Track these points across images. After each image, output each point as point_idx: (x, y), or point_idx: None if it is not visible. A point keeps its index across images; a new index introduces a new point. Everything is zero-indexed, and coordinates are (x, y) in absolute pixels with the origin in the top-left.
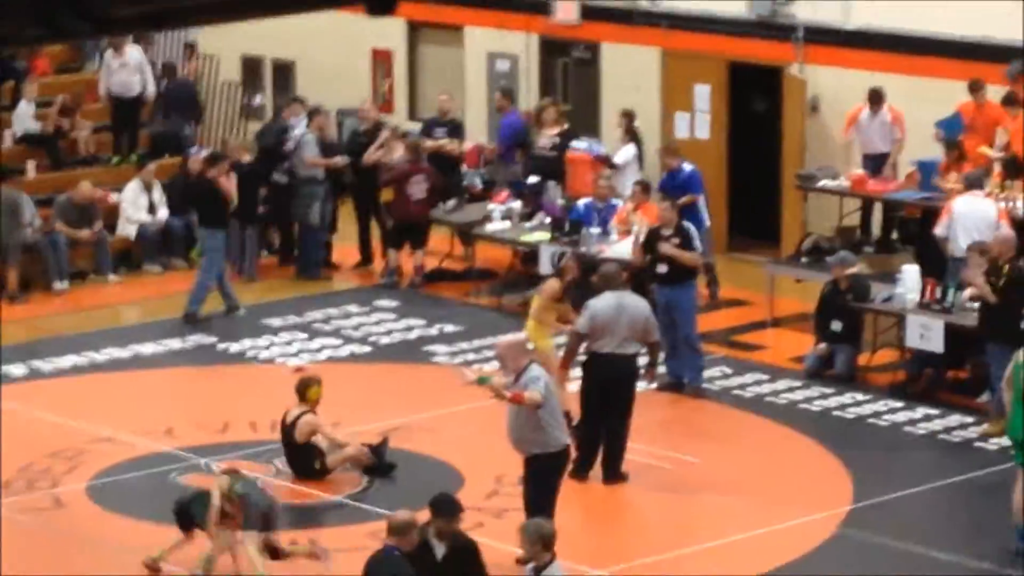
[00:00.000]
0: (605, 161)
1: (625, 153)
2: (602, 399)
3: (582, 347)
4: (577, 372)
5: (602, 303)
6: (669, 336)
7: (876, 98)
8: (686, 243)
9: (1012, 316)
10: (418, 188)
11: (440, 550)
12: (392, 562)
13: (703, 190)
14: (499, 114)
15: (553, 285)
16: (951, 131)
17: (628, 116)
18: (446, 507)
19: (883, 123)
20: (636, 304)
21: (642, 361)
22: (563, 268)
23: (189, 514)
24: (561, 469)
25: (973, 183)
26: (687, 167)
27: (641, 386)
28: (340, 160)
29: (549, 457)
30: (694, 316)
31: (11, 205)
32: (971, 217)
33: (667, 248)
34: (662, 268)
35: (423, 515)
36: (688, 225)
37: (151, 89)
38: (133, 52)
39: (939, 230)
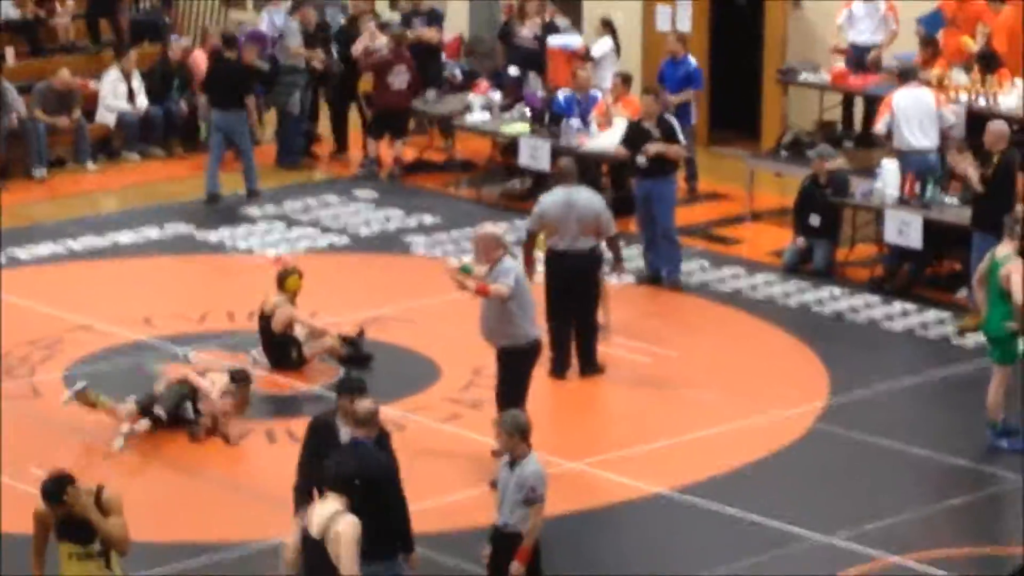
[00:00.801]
0: (582, 55)
1: (601, 46)
2: (563, 295)
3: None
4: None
5: (550, 199)
6: (648, 229)
7: None
8: (669, 135)
9: (1000, 206)
10: (399, 78)
11: (345, 432)
12: (371, 453)
13: (702, 88)
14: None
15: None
16: (932, 27)
17: (605, 22)
18: (349, 386)
19: (877, 11)
20: (586, 199)
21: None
22: (559, 169)
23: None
24: (530, 363)
25: (908, 74)
26: (692, 60)
27: (615, 281)
28: (319, 57)
29: (519, 350)
30: (673, 209)
31: None
32: (913, 109)
33: (653, 147)
34: (642, 161)
35: (403, 405)
36: (670, 117)
37: None
38: None
39: (880, 126)
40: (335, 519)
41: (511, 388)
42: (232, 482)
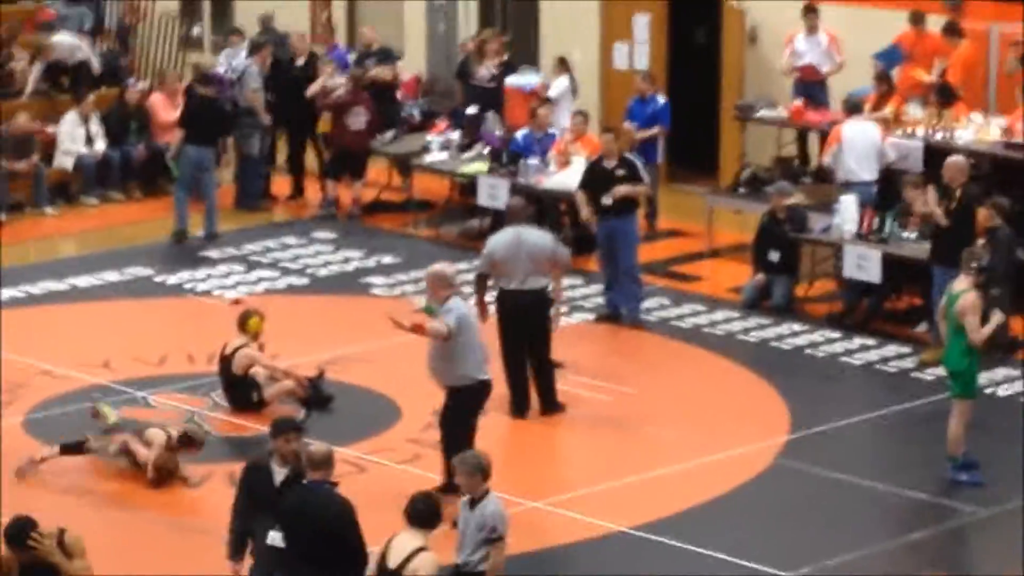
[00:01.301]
0: (538, 94)
1: (558, 86)
2: (517, 335)
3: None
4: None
5: (498, 239)
6: (609, 267)
7: (810, 11)
8: (633, 175)
9: (961, 240)
10: (357, 119)
11: (280, 474)
12: (330, 496)
13: (669, 126)
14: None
15: None
16: (889, 62)
17: (562, 61)
18: (283, 428)
19: (819, 45)
20: (536, 237)
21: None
22: (509, 209)
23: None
24: (475, 403)
25: (853, 108)
26: (660, 98)
27: (569, 319)
28: (267, 119)
29: (464, 390)
30: (635, 247)
31: None
32: (858, 141)
33: (622, 190)
34: (606, 200)
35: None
36: (632, 156)
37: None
38: None
39: (827, 158)
40: (417, 556)
41: (453, 429)
42: (193, 524)
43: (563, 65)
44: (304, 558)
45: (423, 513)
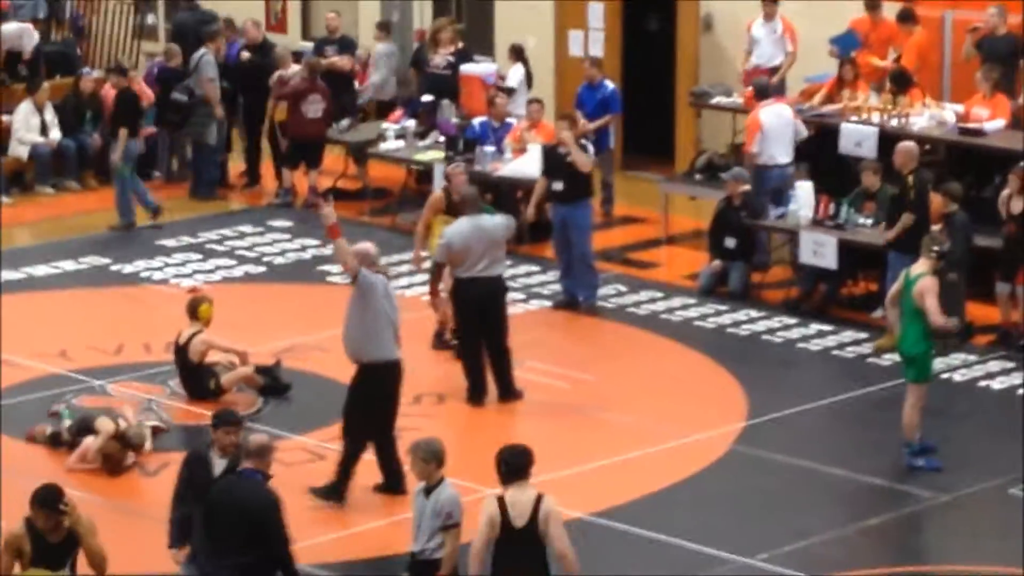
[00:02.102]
0: (499, 85)
1: (515, 74)
2: (475, 323)
3: (445, 274)
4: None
5: (456, 229)
6: (564, 254)
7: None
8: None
9: (915, 226)
10: (313, 107)
11: (219, 464)
12: (256, 485)
13: (620, 111)
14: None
15: (436, 196)
16: (845, 48)
17: (516, 50)
18: (223, 419)
19: (775, 34)
20: (493, 225)
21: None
22: (447, 175)
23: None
24: (371, 391)
25: (761, 92)
26: (609, 84)
27: (527, 306)
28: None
29: (368, 368)
30: (589, 234)
31: None
32: (776, 125)
33: (565, 134)
34: (558, 185)
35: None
36: (584, 142)
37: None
38: None
39: (754, 147)
40: (541, 504)
41: (348, 405)
42: (148, 512)
43: (517, 54)
44: (225, 545)
45: (519, 464)
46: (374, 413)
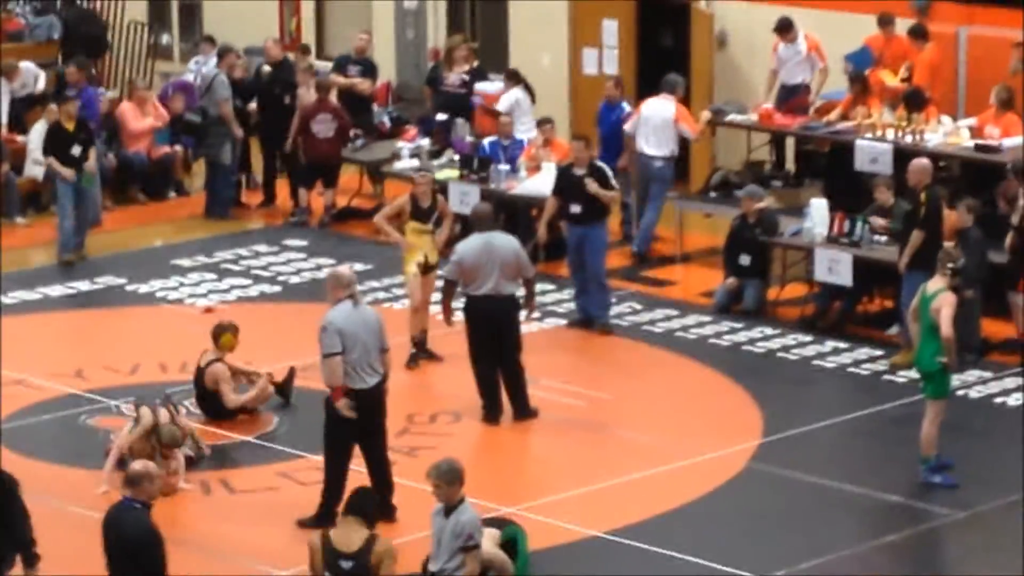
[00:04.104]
0: (487, 105)
1: (507, 99)
2: (487, 341)
3: (458, 291)
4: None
5: (468, 246)
6: (579, 274)
7: (784, 27)
8: (602, 182)
9: (928, 242)
10: (324, 127)
11: None
12: (133, 517)
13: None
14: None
15: (401, 200)
16: (860, 64)
17: (511, 74)
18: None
19: (799, 53)
20: (505, 242)
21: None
22: (414, 181)
23: None
24: (336, 414)
25: (664, 87)
26: (626, 105)
27: (541, 324)
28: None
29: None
30: (603, 255)
31: None
32: (653, 118)
33: (593, 187)
34: (576, 208)
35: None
36: (601, 164)
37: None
38: None
39: (628, 127)
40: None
41: (326, 437)
42: (167, 534)
43: (514, 78)
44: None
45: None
46: (345, 441)
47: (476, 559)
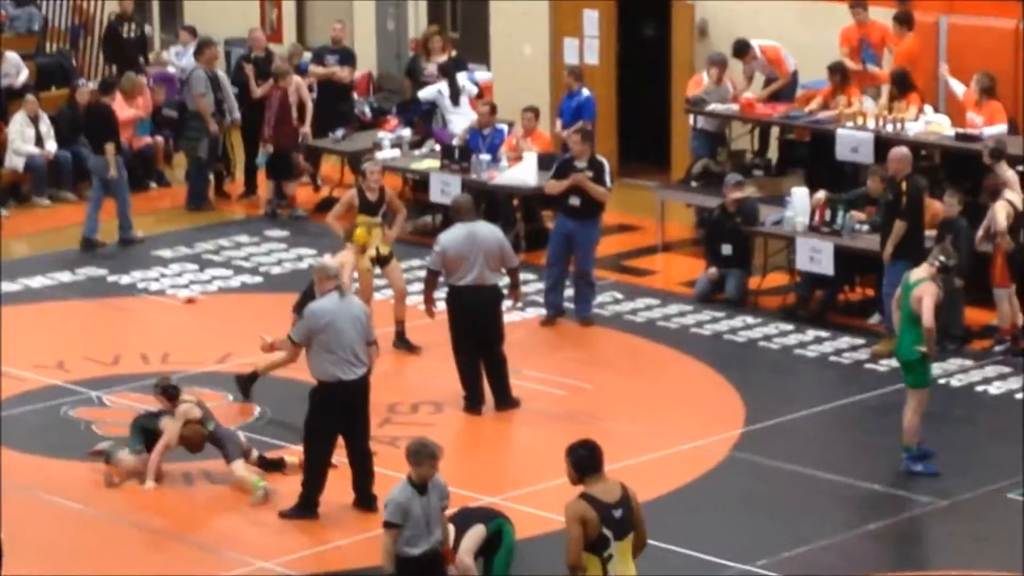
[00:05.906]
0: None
1: (428, 91)
2: (470, 331)
3: (440, 281)
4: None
5: (451, 236)
6: (557, 267)
7: (740, 50)
8: (598, 177)
9: (909, 231)
10: (275, 114)
11: None
12: None
13: (595, 118)
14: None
15: (349, 194)
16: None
17: (443, 67)
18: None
19: (764, 66)
20: (488, 232)
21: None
22: (364, 171)
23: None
24: (328, 405)
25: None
26: (585, 92)
27: (523, 314)
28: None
29: (316, 390)
30: (594, 252)
31: None
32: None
33: (581, 178)
34: (575, 201)
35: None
36: (602, 159)
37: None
38: None
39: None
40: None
41: (307, 423)
42: (148, 524)
43: (443, 71)
44: None
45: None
46: (329, 432)
47: (447, 517)
